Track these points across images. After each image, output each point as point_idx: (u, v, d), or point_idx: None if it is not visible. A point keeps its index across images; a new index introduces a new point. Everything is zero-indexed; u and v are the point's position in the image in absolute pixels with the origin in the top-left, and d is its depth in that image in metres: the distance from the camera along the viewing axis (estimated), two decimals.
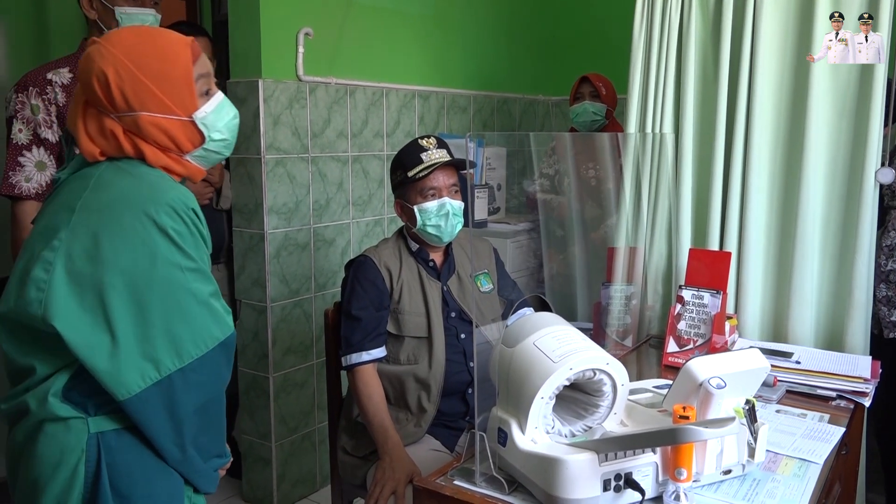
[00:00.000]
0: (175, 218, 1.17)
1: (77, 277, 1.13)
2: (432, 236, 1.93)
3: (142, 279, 1.13)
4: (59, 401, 1.15)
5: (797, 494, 1.31)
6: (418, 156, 1.92)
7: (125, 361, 1.11)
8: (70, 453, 1.15)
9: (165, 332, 1.14)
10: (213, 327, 1.19)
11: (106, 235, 1.14)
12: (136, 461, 1.18)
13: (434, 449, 1.90)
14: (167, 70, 1.22)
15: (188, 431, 1.19)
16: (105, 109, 1.20)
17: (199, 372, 1.17)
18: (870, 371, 1.82)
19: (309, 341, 2.84)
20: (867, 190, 1.97)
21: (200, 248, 1.20)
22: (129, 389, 1.12)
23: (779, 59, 2.08)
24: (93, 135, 1.21)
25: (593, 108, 3.08)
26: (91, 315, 1.12)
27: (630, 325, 2.23)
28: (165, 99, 1.21)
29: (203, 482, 1.27)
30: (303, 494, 2.88)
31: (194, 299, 1.17)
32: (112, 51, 1.19)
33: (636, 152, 2.30)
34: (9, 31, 2.82)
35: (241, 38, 2.61)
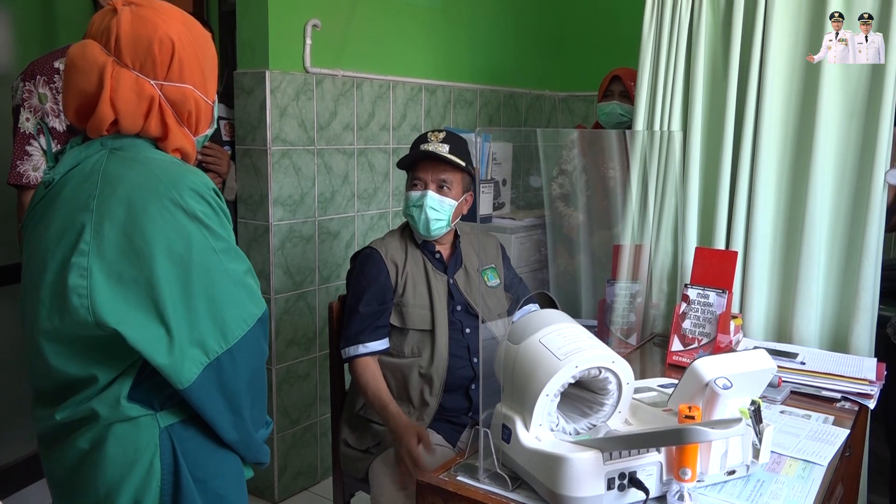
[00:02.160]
0: (200, 200, 1.16)
1: (117, 276, 1.12)
2: (414, 226, 1.97)
3: (182, 267, 1.13)
4: (130, 401, 1.16)
5: (801, 496, 1.30)
6: (417, 146, 1.96)
7: (181, 351, 1.12)
8: (144, 450, 1.16)
9: (211, 316, 1.15)
10: (250, 305, 1.20)
11: (136, 229, 1.12)
12: (203, 447, 1.22)
13: (436, 444, 1.90)
14: (209, 53, 1.27)
15: (244, 408, 1.22)
16: (151, 74, 1.19)
17: (243, 350, 1.18)
18: (875, 373, 1.81)
19: (312, 334, 2.84)
20: (875, 191, 1.96)
21: (227, 227, 1.21)
22: (189, 378, 1.13)
23: (789, 58, 2.07)
24: (122, 99, 1.17)
25: (621, 110, 2.99)
26: (142, 311, 1.12)
27: (634, 323, 2.22)
28: (205, 79, 1.26)
29: (258, 454, 1.30)
30: (304, 486, 2.89)
31: (231, 280, 1.18)
32: (174, 18, 1.21)
33: (644, 149, 2.29)
34: (15, 19, 2.81)
35: (249, 28, 2.61)
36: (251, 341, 1.20)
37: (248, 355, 1.20)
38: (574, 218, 3.12)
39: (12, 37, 2.81)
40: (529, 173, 3.70)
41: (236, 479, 1.28)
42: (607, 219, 2.95)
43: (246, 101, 2.62)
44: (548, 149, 3.33)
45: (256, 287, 1.24)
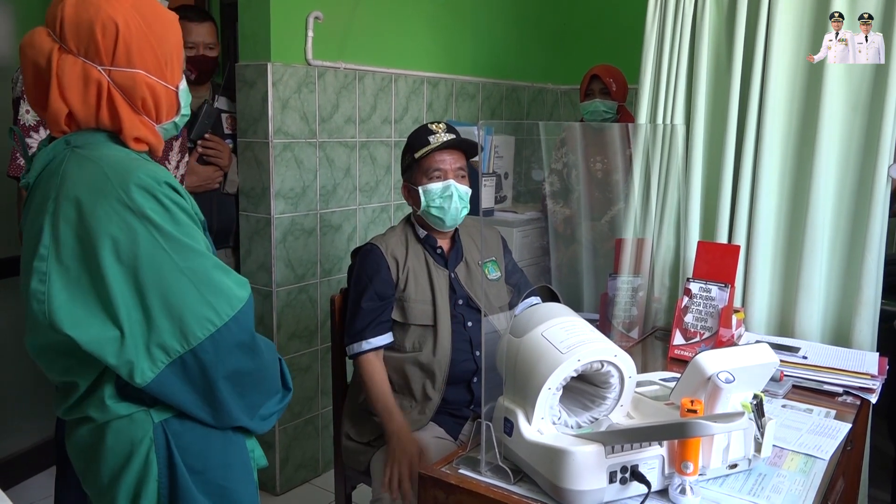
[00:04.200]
0: (148, 197, 1.11)
1: (74, 280, 1.10)
2: (436, 219, 1.93)
3: (131, 268, 1.10)
4: (117, 401, 1.16)
5: (802, 490, 1.30)
6: (426, 138, 1.92)
7: (134, 351, 1.10)
8: (139, 444, 1.17)
9: (167, 315, 1.11)
10: (218, 305, 1.14)
11: (85, 232, 1.10)
12: (203, 438, 1.20)
13: (438, 437, 1.90)
14: (168, 36, 1.21)
15: (226, 402, 1.18)
16: (96, 60, 1.14)
17: (213, 351, 1.14)
18: (877, 367, 1.81)
19: (314, 326, 2.84)
20: (878, 185, 1.95)
21: (181, 222, 1.14)
22: (145, 377, 1.11)
23: (793, 51, 2.06)
24: (69, 86, 1.14)
25: (604, 107, 3.08)
26: (95, 314, 1.10)
27: (636, 316, 2.22)
28: (161, 63, 1.20)
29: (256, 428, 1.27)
30: (305, 479, 2.90)
31: (188, 278, 1.12)
32: (122, 2, 1.15)
33: (646, 143, 2.29)
34: (16, 12, 2.81)
35: (251, 20, 2.60)
36: (224, 341, 1.14)
37: (221, 355, 1.15)
38: (561, 213, 3.16)
39: (12, 29, 2.80)
40: (531, 167, 3.70)
41: (241, 470, 1.26)
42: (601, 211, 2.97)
43: (248, 94, 2.62)
44: (550, 142, 3.33)
45: (231, 283, 1.17)
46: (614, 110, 3.10)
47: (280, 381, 1.31)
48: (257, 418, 1.26)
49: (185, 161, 2.29)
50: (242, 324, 1.17)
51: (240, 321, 1.16)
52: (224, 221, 2.72)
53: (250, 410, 1.24)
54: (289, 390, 1.32)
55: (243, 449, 1.27)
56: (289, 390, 1.32)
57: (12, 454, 2.80)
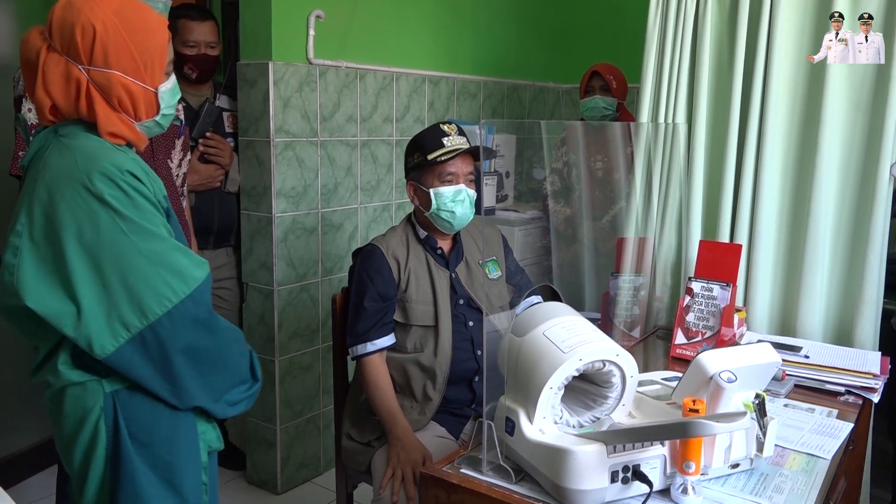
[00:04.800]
0: (109, 184, 1.21)
1: (41, 256, 1.22)
2: (444, 222, 1.93)
3: (92, 249, 1.21)
4: (70, 368, 1.26)
5: (805, 489, 1.30)
6: (440, 140, 1.90)
7: (93, 325, 1.20)
8: (90, 412, 1.27)
9: (127, 294, 1.21)
10: (175, 283, 1.24)
11: (53, 213, 1.21)
12: (151, 412, 1.29)
13: (439, 436, 1.90)
14: (148, 39, 1.30)
15: (183, 378, 1.27)
16: (77, 59, 1.24)
17: (170, 326, 1.23)
18: (879, 367, 1.81)
19: (315, 325, 2.84)
20: (881, 184, 1.95)
21: (141, 208, 1.24)
22: (105, 349, 1.21)
23: (795, 50, 2.06)
24: (52, 81, 1.24)
25: (604, 104, 3.07)
26: (57, 289, 1.21)
27: (638, 316, 2.22)
28: (140, 65, 1.29)
29: (218, 412, 1.36)
30: (306, 478, 2.90)
31: (146, 260, 1.22)
32: (102, 6, 1.25)
33: (648, 142, 2.28)
34: (17, 11, 2.81)
35: (252, 19, 2.60)
36: (180, 317, 1.24)
37: (178, 330, 1.24)
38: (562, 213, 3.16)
39: (14, 28, 2.80)
40: (533, 166, 3.69)
41: (187, 448, 1.33)
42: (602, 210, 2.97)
43: (249, 93, 2.61)
44: (551, 141, 3.33)
45: (188, 264, 1.27)
46: (614, 107, 3.10)
47: (248, 370, 1.40)
48: (223, 402, 1.36)
49: (187, 159, 2.29)
50: (199, 301, 1.27)
51: (196, 299, 1.26)
52: (225, 220, 2.72)
53: (212, 392, 1.33)
54: (257, 380, 1.42)
55: (192, 429, 1.34)
56: (257, 380, 1.42)
57: (13, 453, 2.80)
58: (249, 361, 1.42)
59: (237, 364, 1.38)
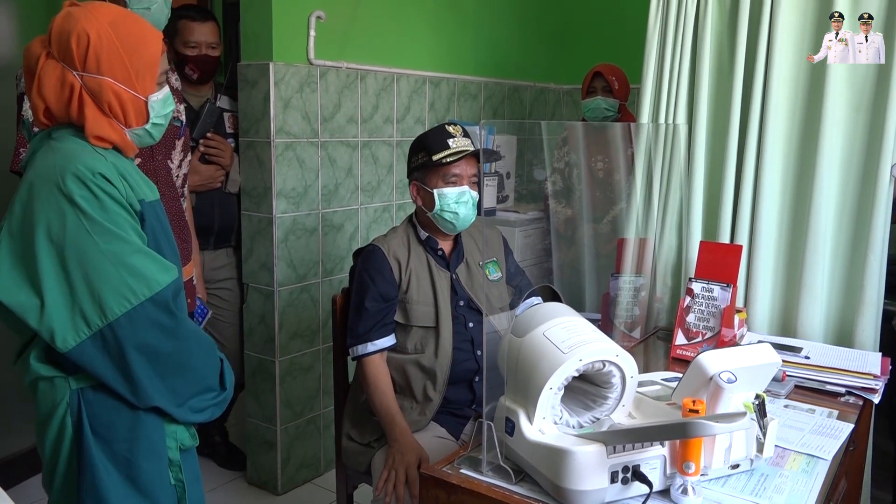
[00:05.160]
0: (79, 185, 1.26)
1: (15, 251, 1.28)
2: (447, 223, 1.93)
3: (59, 246, 1.26)
4: (40, 362, 1.32)
5: (805, 490, 1.30)
6: (445, 141, 1.90)
7: (56, 320, 1.25)
8: (58, 406, 1.33)
9: (88, 292, 1.26)
10: (135, 285, 1.28)
11: (29, 210, 1.28)
12: (113, 411, 1.34)
13: (439, 436, 1.90)
14: (141, 51, 1.36)
15: (139, 378, 1.31)
16: (72, 65, 1.31)
17: (129, 326, 1.27)
18: (879, 368, 1.81)
19: (315, 326, 2.84)
20: (881, 185, 1.95)
21: (111, 210, 1.28)
22: (66, 343, 1.26)
23: (795, 51, 2.06)
24: (47, 85, 1.31)
25: (606, 105, 3.08)
26: (25, 282, 1.27)
27: (638, 316, 2.22)
28: (131, 74, 1.35)
29: (180, 416, 1.39)
30: (307, 478, 2.90)
31: (108, 261, 1.27)
32: (98, 17, 1.32)
33: (649, 142, 2.28)
34: (19, 10, 2.81)
35: (253, 20, 2.60)
36: (140, 319, 1.28)
37: (137, 331, 1.28)
38: (563, 213, 3.16)
39: (16, 27, 2.80)
40: (533, 166, 3.69)
41: (148, 446, 1.37)
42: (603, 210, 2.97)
43: (250, 94, 2.62)
44: (552, 142, 3.33)
45: (151, 267, 1.30)
46: (616, 108, 3.10)
47: (217, 378, 1.44)
48: (185, 408, 1.39)
49: (187, 160, 2.29)
50: (160, 305, 1.31)
51: (157, 302, 1.30)
52: (226, 221, 2.72)
53: (174, 396, 1.36)
54: (225, 389, 1.45)
55: (156, 429, 1.38)
56: (225, 389, 1.45)
57: (12, 454, 2.80)
58: (220, 370, 1.45)
59: (203, 371, 1.41)
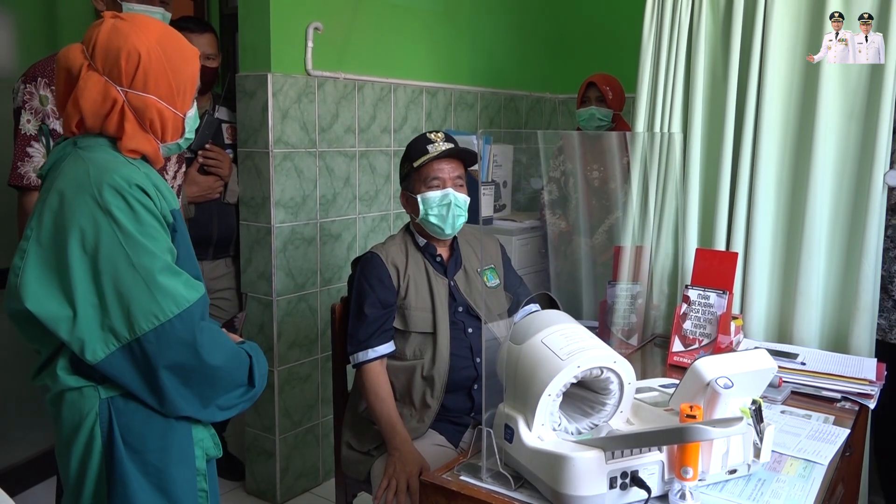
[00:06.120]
0: (116, 196, 1.25)
1: (45, 261, 1.26)
2: (434, 227, 1.94)
3: (93, 257, 1.24)
4: (68, 373, 1.29)
5: (802, 495, 1.31)
6: (425, 147, 1.94)
7: (87, 331, 1.23)
8: (86, 417, 1.30)
9: (119, 304, 1.24)
10: (164, 302, 1.26)
11: (61, 219, 1.26)
12: (144, 420, 1.31)
13: (438, 444, 1.91)
14: (184, 69, 1.37)
15: (167, 391, 1.29)
16: (118, 81, 1.31)
17: (156, 343, 1.25)
18: (875, 373, 1.82)
19: (314, 335, 2.85)
20: (875, 192, 1.97)
21: (146, 223, 1.27)
22: (96, 355, 1.24)
23: (789, 60, 2.08)
24: (87, 98, 1.30)
25: (600, 114, 3.10)
26: (57, 292, 1.25)
27: (635, 324, 2.23)
28: (174, 92, 1.36)
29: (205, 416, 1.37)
30: (306, 488, 2.89)
31: (139, 275, 1.25)
32: (148, 34, 1.32)
33: (644, 151, 2.30)
34: (18, 22, 2.82)
35: (251, 31, 2.62)
36: (167, 335, 1.26)
37: (164, 348, 1.26)
38: (560, 222, 3.18)
39: (14, 40, 2.82)
40: (530, 175, 3.71)
41: (180, 456, 1.35)
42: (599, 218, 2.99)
43: (248, 104, 2.63)
44: (548, 151, 3.35)
45: (179, 284, 1.28)
46: (609, 118, 3.13)
47: (246, 376, 1.40)
48: (213, 407, 1.36)
49: (182, 171, 2.29)
50: (187, 322, 1.28)
51: (184, 319, 1.27)
52: (224, 231, 2.73)
53: (202, 401, 1.34)
54: (253, 386, 1.41)
55: (186, 436, 1.36)
56: (253, 386, 1.41)
57: (13, 464, 2.80)
58: (249, 367, 1.42)
59: (231, 377, 1.38)
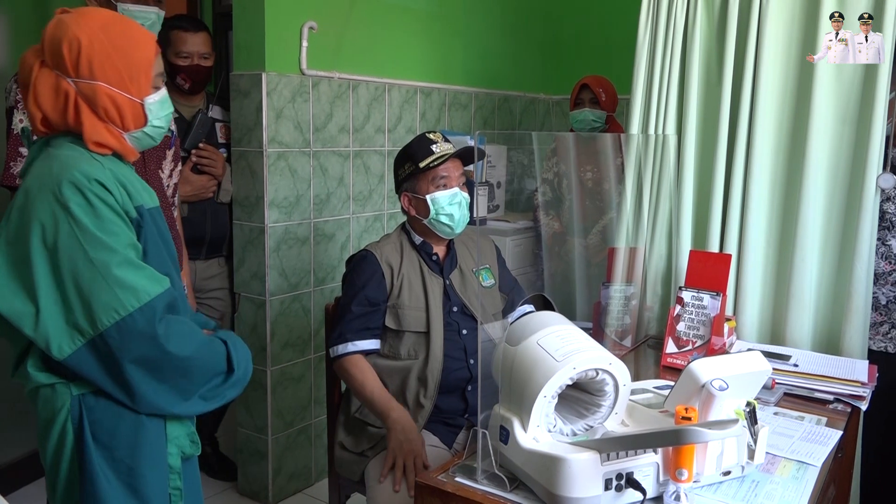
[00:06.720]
0: (75, 192, 1.25)
1: (10, 258, 1.27)
2: (444, 227, 1.95)
3: (52, 254, 1.25)
4: (39, 370, 1.31)
5: (795, 496, 1.32)
6: (429, 147, 1.94)
7: (51, 327, 1.24)
8: (59, 413, 1.31)
9: (80, 300, 1.25)
10: (124, 296, 1.25)
11: (25, 216, 1.27)
12: (115, 417, 1.32)
13: (432, 445, 1.91)
14: (133, 53, 1.35)
15: (135, 386, 1.29)
16: (65, 72, 1.30)
17: (119, 337, 1.25)
18: (867, 375, 1.83)
19: (307, 336, 2.84)
20: (867, 195, 1.98)
21: (105, 218, 1.27)
22: (62, 351, 1.25)
23: (783, 63, 2.09)
24: (43, 94, 1.30)
25: (593, 116, 3.12)
26: (20, 288, 1.26)
27: (629, 325, 2.24)
28: (125, 76, 1.34)
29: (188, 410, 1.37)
30: (298, 488, 2.89)
31: (97, 270, 1.25)
32: (89, 22, 1.32)
33: (638, 153, 2.31)
34: (10, 22, 2.81)
35: (245, 30, 2.61)
36: (129, 329, 1.26)
37: (127, 342, 1.26)
38: (553, 223, 3.19)
39: (7, 39, 2.80)
40: (524, 176, 3.72)
41: (151, 453, 1.35)
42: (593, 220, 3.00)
43: (242, 103, 2.62)
44: (542, 152, 3.36)
45: (140, 278, 1.28)
46: (603, 120, 3.14)
47: (224, 363, 1.39)
48: (196, 399, 1.36)
49: (178, 170, 2.29)
50: (148, 315, 1.27)
51: (145, 313, 1.27)
52: (217, 230, 2.72)
53: (181, 393, 1.34)
54: (233, 371, 1.40)
55: (158, 433, 1.36)
56: (233, 371, 1.40)
57: (5, 463, 2.78)
58: (226, 353, 1.40)
59: (206, 365, 1.37)
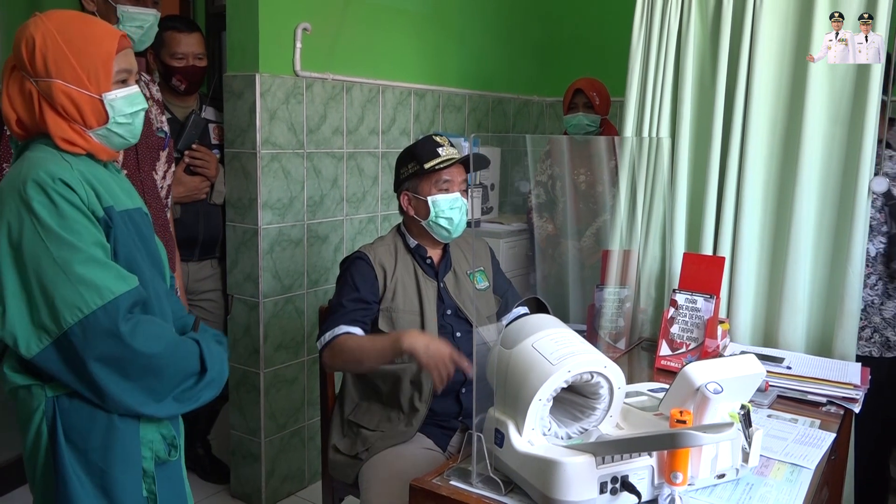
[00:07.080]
0: (39, 191, 1.26)
1: None
2: (442, 230, 1.95)
3: (18, 253, 1.26)
4: (14, 371, 1.32)
5: (789, 499, 1.32)
6: (435, 150, 1.94)
7: (18, 326, 1.25)
8: (34, 414, 1.32)
9: (44, 300, 1.25)
10: (87, 294, 1.25)
11: None
12: (88, 419, 1.32)
13: (426, 448, 1.90)
14: (89, 49, 1.34)
15: (102, 384, 1.28)
16: (27, 72, 1.32)
17: (83, 336, 1.25)
18: (859, 377, 1.84)
19: (300, 337, 2.83)
20: (860, 198, 1.99)
21: (69, 217, 1.27)
22: (30, 350, 1.26)
23: (776, 66, 2.10)
24: (13, 96, 1.33)
25: (587, 120, 3.12)
26: None
27: (623, 327, 2.24)
28: (81, 73, 1.32)
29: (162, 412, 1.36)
30: (291, 491, 2.88)
31: (59, 269, 1.25)
32: (46, 22, 1.33)
33: (632, 155, 2.31)
34: (4, 21, 2.79)
35: (239, 31, 2.60)
36: (93, 328, 1.26)
37: (91, 340, 1.26)
38: (547, 225, 3.19)
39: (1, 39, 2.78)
40: (517, 179, 3.72)
41: (123, 456, 1.35)
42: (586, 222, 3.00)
43: (235, 105, 2.61)
44: (536, 154, 3.36)
45: (104, 276, 1.27)
46: (597, 124, 3.14)
47: (197, 363, 1.38)
48: (169, 400, 1.35)
49: (171, 171, 2.28)
50: (111, 314, 1.27)
51: (109, 311, 1.27)
52: (210, 232, 2.71)
53: (152, 394, 1.33)
54: (205, 371, 1.39)
55: (132, 436, 1.36)
56: (205, 371, 1.39)
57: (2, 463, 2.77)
58: (199, 354, 1.39)
59: (176, 366, 1.35)
